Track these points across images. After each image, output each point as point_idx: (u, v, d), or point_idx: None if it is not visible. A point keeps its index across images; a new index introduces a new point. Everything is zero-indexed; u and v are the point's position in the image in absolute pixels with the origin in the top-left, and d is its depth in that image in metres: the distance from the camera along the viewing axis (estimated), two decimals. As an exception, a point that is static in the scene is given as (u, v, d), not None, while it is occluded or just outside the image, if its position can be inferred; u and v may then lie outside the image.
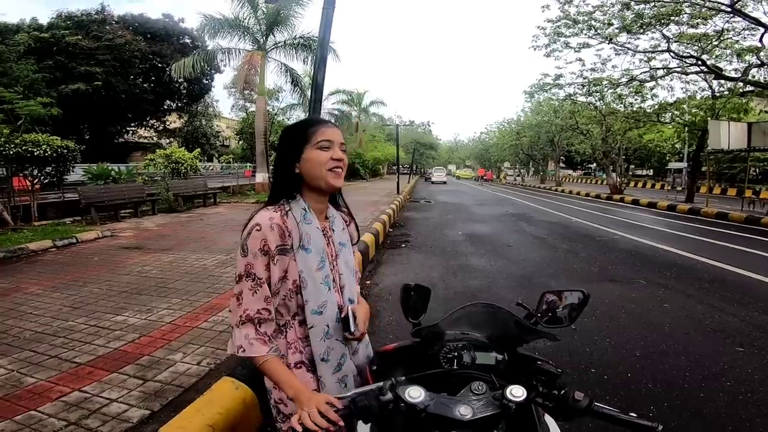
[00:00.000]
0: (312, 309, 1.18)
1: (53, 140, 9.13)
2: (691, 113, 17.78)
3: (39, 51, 21.27)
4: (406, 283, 1.29)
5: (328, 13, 4.80)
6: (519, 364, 1.10)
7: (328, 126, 1.23)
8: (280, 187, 1.24)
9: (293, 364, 1.20)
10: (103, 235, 7.97)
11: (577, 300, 1.19)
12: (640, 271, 6.07)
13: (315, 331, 1.18)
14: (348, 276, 1.30)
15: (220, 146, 47.63)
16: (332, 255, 1.27)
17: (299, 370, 1.20)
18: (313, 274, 1.17)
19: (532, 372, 1.03)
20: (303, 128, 1.23)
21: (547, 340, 1.12)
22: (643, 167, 43.45)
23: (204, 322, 3.55)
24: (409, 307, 1.27)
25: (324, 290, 1.19)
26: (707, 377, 2.99)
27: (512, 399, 0.86)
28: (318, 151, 1.18)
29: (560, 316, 1.20)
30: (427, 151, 66.00)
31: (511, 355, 1.11)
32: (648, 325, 4.00)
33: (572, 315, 1.19)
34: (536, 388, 0.94)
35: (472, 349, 1.10)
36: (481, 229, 10.19)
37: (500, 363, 1.09)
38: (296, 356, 1.21)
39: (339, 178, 1.22)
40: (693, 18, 12.58)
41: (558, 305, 1.22)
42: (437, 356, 1.10)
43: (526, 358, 1.10)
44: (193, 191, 13.59)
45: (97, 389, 2.51)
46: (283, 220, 1.16)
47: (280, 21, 17.49)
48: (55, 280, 4.99)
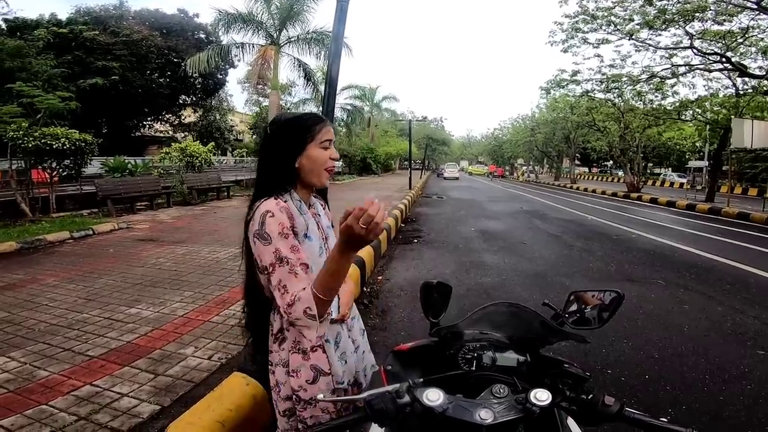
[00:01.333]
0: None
1: (71, 134, 9.27)
2: (714, 111, 17.32)
3: (57, 46, 21.63)
4: (427, 281, 1.26)
5: (343, 7, 4.73)
6: (542, 367, 1.04)
7: (329, 125, 1.26)
8: (275, 180, 1.22)
9: (310, 348, 1.22)
10: (119, 227, 8.08)
11: (609, 301, 1.12)
12: (658, 271, 5.92)
13: None
14: None
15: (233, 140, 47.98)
16: (323, 238, 1.31)
17: (316, 353, 1.22)
18: (317, 260, 1.19)
19: (558, 375, 0.97)
20: (308, 124, 1.23)
21: (573, 341, 1.06)
22: (662, 165, 42.57)
23: (216, 316, 3.56)
24: (429, 306, 1.23)
25: None
26: (727, 380, 2.89)
27: (536, 403, 0.81)
28: (321, 150, 1.22)
29: (589, 317, 1.14)
30: (439, 147, 65.66)
31: (534, 357, 1.05)
32: (667, 326, 3.89)
33: (603, 316, 1.12)
34: (562, 392, 0.88)
35: (493, 350, 1.05)
36: (494, 226, 10.07)
37: (522, 365, 1.03)
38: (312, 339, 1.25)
39: (330, 177, 1.29)
40: (718, 15, 12.20)
41: (587, 306, 1.15)
42: (455, 357, 1.05)
43: (550, 360, 1.04)
44: (207, 184, 13.72)
45: (109, 383, 2.52)
46: (288, 206, 1.18)
47: (293, 15, 17.51)
48: (71, 272, 5.06)
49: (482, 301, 4.52)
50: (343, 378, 1.27)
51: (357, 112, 34.69)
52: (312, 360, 1.22)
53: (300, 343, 1.22)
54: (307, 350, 1.22)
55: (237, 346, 2.98)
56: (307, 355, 1.22)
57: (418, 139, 53.97)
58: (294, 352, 1.23)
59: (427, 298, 1.24)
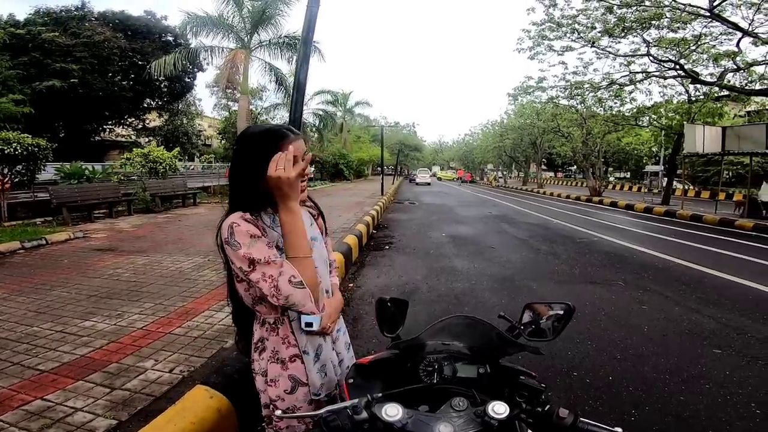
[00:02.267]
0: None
1: (24, 138, 8.82)
2: (668, 117, 18.26)
3: (14, 47, 20.64)
4: (381, 297, 1.29)
5: (312, 11, 4.70)
6: (502, 377, 1.05)
7: (297, 138, 1.21)
8: (245, 198, 1.21)
9: (288, 358, 1.24)
10: (75, 237, 7.69)
11: (562, 312, 1.16)
12: (618, 273, 6.15)
13: (296, 324, 1.23)
14: (323, 269, 1.33)
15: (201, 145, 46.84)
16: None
17: (294, 363, 1.24)
18: None
19: (515, 386, 0.98)
20: (273, 140, 1.18)
21: (529, 353, 1.07)
22: (621, 170, 44.48)
23: (178, 328, 3.42)
24: (385, 321, 1.25)
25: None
26: (686, 380, 3.01)
27: (494, 416, 0.81)
28: None
29: (544, 329, 1.17)
30: (411, 153, 66.27)
31: (494, 367, 1.06)
32: (628, 327, 4.03)
33: (557, 327, 1.16)
34: (519, 404, 0.89)
35: (453, 361, 1.05)
36: (464, 231, 10.22)
37: (483, 376, 1.04)
38: (291, 350, 1.24)
39: (304, 192, 1.26)
40: (673, 22, 12.88)
41: (542, 317, 1.19)
42: (417, 369, 1.05)
43: (510, 371, 1.06)
44: (171, 191, 13.28)
45: (61, 398, 2.38)
46: (254, 219, 1.18)
47: (265, 19, 17.33)
48: (22, 284, 4.76)
49: (453, 307, 4.56)
50: (321, 390, 1.27)
51: (329, 117, 34.55)
52: (290, 370, 1.24)
53: (278, 353, 1.24)
54: (286, 360, 1.24)
55: (200, 359, 2.88)
56: (285, 365, 1.24)
57: (390, 144, 54.24)
58: (272, 362, 1.25)
59: (383, 313, 1.27)
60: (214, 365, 2.77)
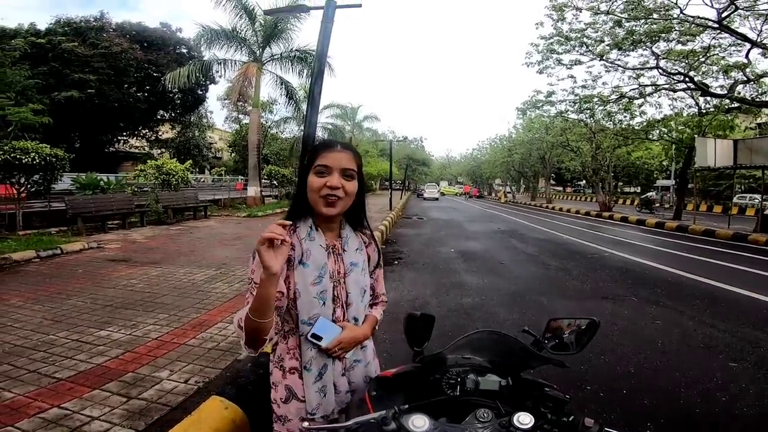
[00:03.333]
0: (302, 319, 1.22)
1: (42, 148, 9.00)
2: (678, 130, 18.13)
3: (34, 57, 21.08)
4: (411, 312, 1.32)
5: (327, 27, 4.83)
6: (524, 390, 1.06)
7: (331, 150, 1.21)
8: (294, 207, 1.28)
9: (288, 369, 1.25)
10: (89, 247, 7.81)
11: (586, 327, 1.18)
12: (631, 288, 6.09)
13: (304, 339, 1.23)
14: (356, 295, 1.30)
15: (212, 158, 47.42)
16: (339, 272, 1.29)
17: (292, 375, 1.25)
18: (308, 288, 1.21)
19: (539, 398, 1.00)
20: (311, 150, 1.25)
21: (553, 366, 1.09)
22: (631, 184, 44.13)
23: (192, 339, 3.45)
24: (413, 336, 1.29)
25: (317, 303, 1.22)
26: (703, 393, 2.98)
27: (520, 427, 0.83)
28: (314, 177, 1.20)
29: (567, 343, 1.18)
30: (419, 167, 66.38)
31: (516, 380, 1.08)
32: (641, 341, 3.99)
33: (580, 341, 1.17)
34: (544, 415, 0.90)
35: (475, 374, 1.07)
36: (473, 246, 10.19)
37: (504, 388, 1.05)
38: (292, 362, 1.25)
39: (332, 207, 1.20)
40: (682, 35, 12.89)
41: (565, 331, 1.20)
42: (439, 382, 1.07)
43: (532, 384, 1.07)
44: (183, 203, 13.45)
45: (78, 406, 2.41)
46: (290, 233, 1.19)
47: (276, 33, 17.65)
48: (37, 292, 4.84)
49: (463, 322, 4.54)
50: (317, 410, 1.24)
51: (338, 131, 34.89)
52: (288, 380, 1.25)
53: (282, 360, 1.27)
54: (286, 369, 1.26)
55: (215, 370, 2.90)
56: (285, 374, 1.26)
57: (398, 159, 54.48)
58: (276, 367, 1.29)
59: (411, 328, 1.30)
60: (229, 376, 2.79)
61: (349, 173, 1.21)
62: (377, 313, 1.44)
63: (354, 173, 1.23)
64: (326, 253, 1.26)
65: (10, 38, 20.82)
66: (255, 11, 16.83)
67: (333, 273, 1.27)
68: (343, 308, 1.29)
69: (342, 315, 1.28)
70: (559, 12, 14.20)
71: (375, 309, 1.45)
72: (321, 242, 1.25)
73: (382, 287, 1.50)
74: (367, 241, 1.40)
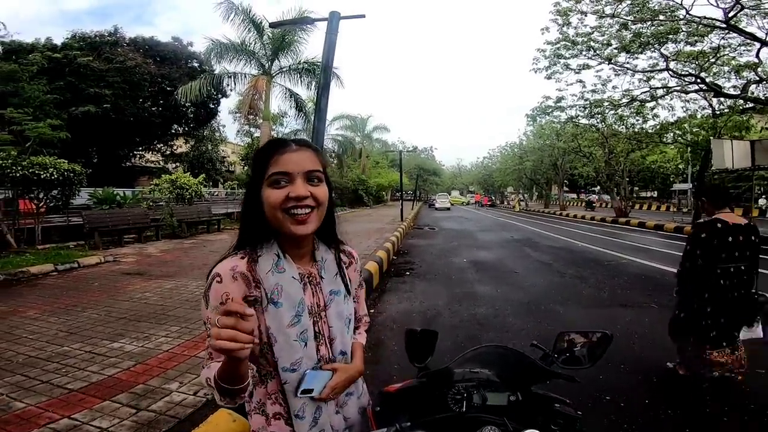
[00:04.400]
0: (283, 366, 1.01)
1: (60, 163, 9.20)
2: (693, 132, 17.79)
3: (51, 71, 21.59)
4: (411, 328, 1.25)
5: (332, 39, 4.88)
6: (534, 405, 1.01)
7: (286, 150, 0.98)
8: (246, 231, 1.04)
9: (272, 415, 1.06)
10: (105, 260, 7.93)
11: (598, 340, 1.13)
12: (650, 296, 5.92)
13: (288, 387, 1.03)
14: (339, 328, 1.10)
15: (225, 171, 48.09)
16: (319, 305, 1.08)
17: (278, 422, 1.06)
18: (285, 330, 1.00)
19: (549, 414, 0.95)
20: (257, 155, 1.01)
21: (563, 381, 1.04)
22: (647, 189, 43.40)
23: (202, 351, 3.44)
24: (414, 352, 1.23)
25: (299, 347, 1.02)
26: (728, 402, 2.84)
27: None
28: (270, 190, 0.96)
29: (579, 356, 1.13)
30: (430, 177, 66.36)
31: (525, 395, 1.03)
32: (663, 350, 3.83)
33: (593, 355, 1.11)
34: None
35: (483, 389, 1.02)
36: (486, 256, 10.07)
37: (513, 404, 1.00)
38: (275, 407, 1.06)
39: (303, 224, 0.97)
40: (690, 36, 12.74)
41: (576, 345, 1.15)
42: (445, 397, 1.02)
43: (542, 398, 1.02)
44: (197, 217, 13.62)
45: (88, 417, 2.42)
46: (250, 267, 1.00)
47: (284, 46, 17.92)
48: (54, 305, 4.92)
49: (475, 332, 4.46)
50: None
51: (348, 143, 35.18)
52: (273, 427, 1.05)
53: (264, 406, 1.07)
54: (269, 415, 1.06)
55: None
56: (269, 420, 1.06)
57: (409, 169, 54.62)
58: (256, 413, 1.08)
59: (412, 344, 1.24)
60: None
61: (315, 176, 0.98)
62: (362, 339, 1.26)
63: (321, 175, 1.00)
64: (301, 285, 1.04)
65: (27, 52, 21.29)
66: (263, 24, 17.14)
67: (312, 307, 1.06)
68: (326, 345, 1.09)
69: (326, 352, 1.09)
70: (564, 17, 14.16)
71: (360, 334, 1.28)
72: (293, 273, 1.03)
73: (363, 308, 1.31)
74: (347, 261, 1.18)
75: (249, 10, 16.93)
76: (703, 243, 2.96)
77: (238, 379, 0.85)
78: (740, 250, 2.94)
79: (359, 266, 1.25)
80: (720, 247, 2.91)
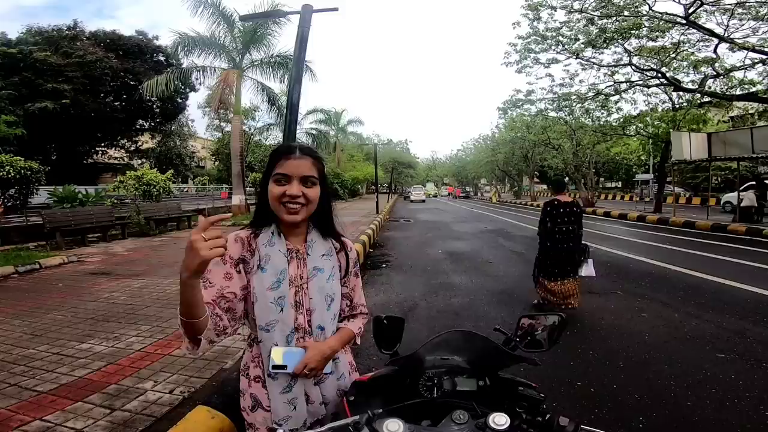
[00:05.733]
0: (260, 325, 1.19)
1: (16, 161, 8.77)
2: (654, 125, 18.58)
3: (5, 67, 20.55)
4: (377, 315, 1.33)
5: (304, 32, 4.82)
6: (502, 389, 1.06)
7: (289, 157, 1.18)
8: (257, 215, 1.27)
9: (253, 378, 1.23)
10: (69, 261, 7.61)
11: (555, 323, 1.18)
12: (616, 283, 6.18)
13: (264, 346, 1.20)
14: (319, 302, 1.24)
15: (195, 167, 46.81)
16: (301, 277, 1.24)
17: (257, 384, 1.22)
18: (265, 293, 1.18)
19: (515, 397, 0.99)
20: (270, 156, 1.23)
21: (526, 364, 1.09)
22: (612, 180, 44.98)
23: (176, 350, 3.37)
24: (382, 339, 1.29)
25: (274, 309, 1.18)
26: (692, 385, 3.01)
27: (495, 428, 0.82)
28: (273, 185, 1.18)
29: (539, 340, 1.19)
30: (405, 170, 66.40)
31: (493, 380, 1.07)
32: (629, 335, 4.04)
33: (551, 338, 1.18)
34: (519, 415, 0.90)
35: (452, 376, 1.06)
36: (461, 247, 10.24)
37: (482, 389, 1.05)
38: (256, 371, 1.23)
39: (293, 215, 1.18)
40: (652, 31, 13.26)
41: (536, 329, 1.20)
42: (416, 384, 1.06)
43: (509, 383, 1.07)
44: (166, 214, 13.21)
45: (61, 418, 2.35)
46: (249, 238, 1.22)
47: (256, 39, 17.49)
48: (16, 307, 4.70)
49: (452, 322, 4.55)
50: (284, 422, 1.19)
51: (322, 137, 34.76)
52: (252, 389, 1.22)
53: (248, 369, 1.25)
54: (251, 378, 1.23)
55: (200, 380, 2.83)
56: (250, 382, 1.23)
57: (384, 162, 54.48)
58: (242, 375, 1.27)
59: (379, 332, 1.31)
60: (215, 386, 2.74)
61: (309, 180, 1.19)
62: (355, 326, 1.36)
63: (315, 180, 1.20)
64: (286, 258, 1.22)
65: (-21, 49, 20.20)
66: (233, 17, 16.67)
67: (295, 278, 1.22)
68: (305, 315, 1.23)
69: (305, 321, 1.23)
70: (534, 11, 14.47)
71: (353, 321, 1.38)
72: (281, 247, 1.22)
73: (360, 297, 1.42)
74: (338, 247, 1.33)
75: (218, 3, 16.42)
76: (548, 213, 4.85)
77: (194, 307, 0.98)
78: (568, 216, 4.78)
79: (354, 256, 1.38)
80: (557, 215, 4.78)
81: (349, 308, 1.38)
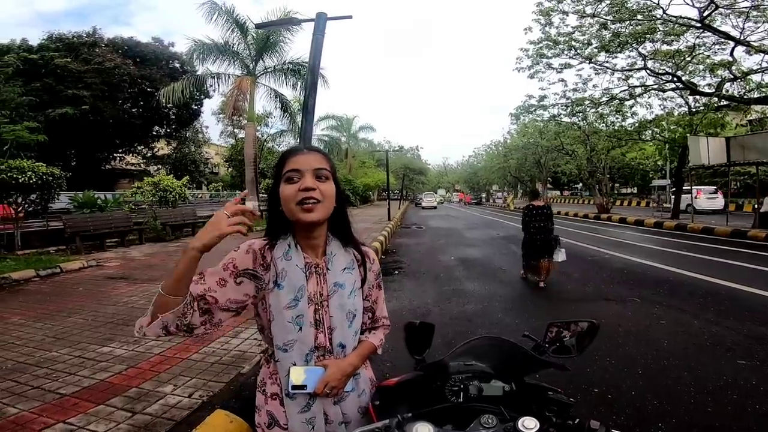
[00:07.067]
0: (277, 344, 1.13)
1: (39, 167, 8.97)
2: (670, 130, 18.26)
3: (27, 73, 21.00)
4: (410, 321, 1.32)
5: (318, 40, 4.89)
6: (528, 394, 1.06)
7: (298, 153, 1.13)
8: (270, 225, 1.20)
9: (270, 395, 1.17)
10: (88, 265, 7.78)
11: (586, 329, 1.18)
12: (633, 290, 6.09)
13: (281, 365, 1.14)
14: (340, 319, 1.18)
15: (209, 173, 47.48)
16: (321, 294, 1.17)
17: (274, 401, 1.16)
18: (282, 312, 1.11)
19: (543, 402, 0.99)
20: (278, 161, 1.17)
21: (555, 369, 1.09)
22: (628, 185, 44.32)
23: (195, 354, 3.42)
24: (413, 344, 1.29)
25: (292, 329, 1.12)
26: (712, 392, 2.96)
27: (525, 431, 0.82)
28: (285, 185, 1.11)
29: (568, 346, 1.19)
30: (416, 177, 66.55)
31: (519, 385, 1.07)
32: (647, 342, 3.98)
33: (581, 344, 1.17)
34: (549, 419, 0.90)
35: (479, 381, 1.06)
36: (473, 253, 10.19)
37: (508, 394, 1.05)
38: (274, 387, 1.17)
39: (310, 212, 1.08)
40: (666, 35, 13.07)
41: (565, 335, 1.20)
42: (442, 389, 1.06)
43: (535, 388, 1.07)
44: (181, 220, 13.43)
45: (83, 421, 2.40)
46: (263, 249, 1.15)
47: (269, 46, 17.73)
48: (38, 310, 4.82)
49: (465, 329, 4.53)
50: None
51: (334, 143, 35.01)
52: (269, 406, 1.17)
53: (265, 385, 1.19)
54: (268, 395, 1.17)
55: (219, 384, 2.87)
56: (267, 399, 1.17)
57: (395, 169, 54.66)
58: (258, 391, 1.21)
59: (411, 337, 1.30)
60: (233, 390, 2.77)
61: (322, 173, 1.11)
62: (375, 338, 1.31)
63: (328, 173, 1.13)
64: (304, 273, 1.15)
65: (2, 54, 20.69)
66: (246, 25, 16.95)
67: (314, 295, 1.16)
68: (325, 333, 1.17)
69: (325, 340, 1.16)
70: (546, 16, 14.41)
71: (374, 334, 1.33)
72: (298, 262, 1.14)
73: (383, 310, 1.37)
74: (360, 259, 1.26)
75: (232, 10, 16.75)
76: (526, 214, 6.63)
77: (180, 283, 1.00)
78: (540, 216, 6.49)
79: (377, 268, 1.33)
80: (532, 216, 6.54)
81: (371, 321, 1.34)
